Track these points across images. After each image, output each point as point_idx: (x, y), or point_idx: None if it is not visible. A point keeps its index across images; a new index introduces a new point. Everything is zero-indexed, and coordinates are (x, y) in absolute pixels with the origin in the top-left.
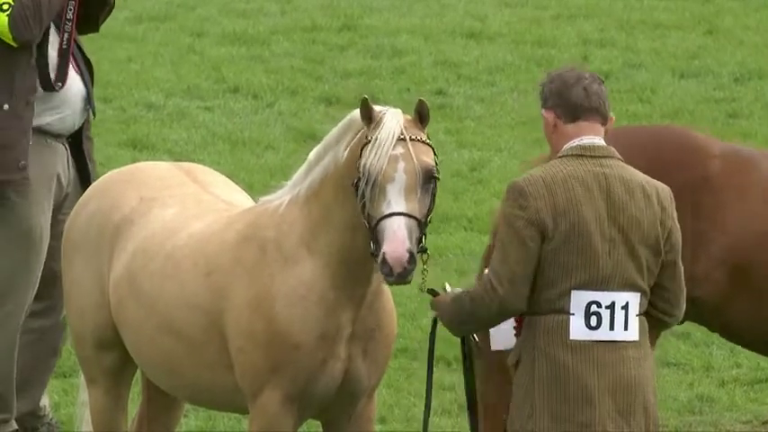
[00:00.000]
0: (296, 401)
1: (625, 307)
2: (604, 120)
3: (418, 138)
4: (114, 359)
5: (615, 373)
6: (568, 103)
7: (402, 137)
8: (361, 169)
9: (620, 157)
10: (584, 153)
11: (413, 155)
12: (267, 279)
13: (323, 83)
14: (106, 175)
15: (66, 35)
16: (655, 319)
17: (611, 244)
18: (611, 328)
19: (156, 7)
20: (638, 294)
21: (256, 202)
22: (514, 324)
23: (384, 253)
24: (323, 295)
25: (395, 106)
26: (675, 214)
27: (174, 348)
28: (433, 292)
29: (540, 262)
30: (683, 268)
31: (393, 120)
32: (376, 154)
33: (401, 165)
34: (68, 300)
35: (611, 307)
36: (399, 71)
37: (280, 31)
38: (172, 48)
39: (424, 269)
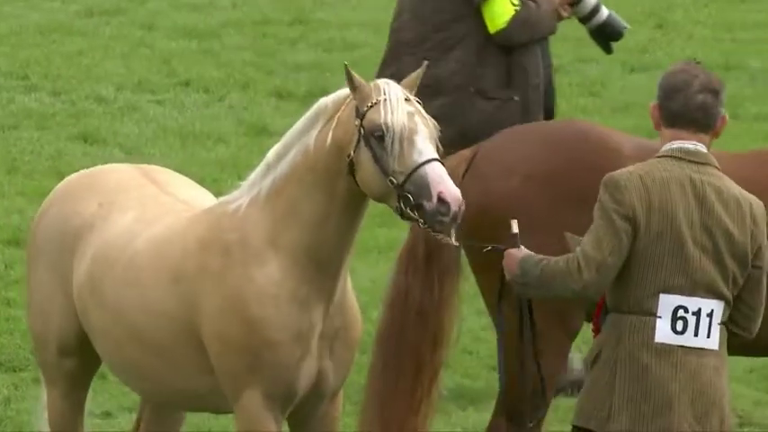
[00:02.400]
0: (278, 400)
1: (710, 314)
2: (706, 129)
3: (417, 99)
4: (75, 364)
5: (696, 379)
6: (669, 108)
7: (406, 97)
8: (383, 127)
9: (717, 165)
10: (683, 157)
11: (421, 110)
12: (236, 281)
13: (274, 76)
14: (67, 178)
15: None
16: (728, 331)
17: (701, 250)
18: (696, 334)
19: (106, 1)
20: (723, 303)
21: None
22: (593, 323)
23: (440, 192)
24: (295, 292)
25: None
26: (766, 229)
27: (142, 355)
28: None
29: (629, 259)
30: (766, 285)
31: (391, 83)
32: (392, 111)
33: (418, 118)
34: (31, 304)
35: (698, 313)
36: (351, 64)
37: (231, 25)
38: (122, 41)
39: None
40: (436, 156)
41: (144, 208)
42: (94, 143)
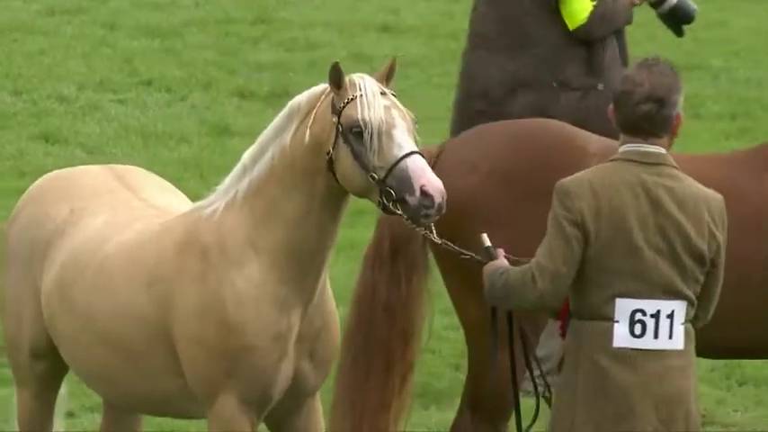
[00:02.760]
0: (253, 403)
1: (670, 315)
2: (658, 134)
3: (392, 93)
4: (46, 367)
5: (659, 382)
6: (617, 117)
7: (382, 91)
8: (361, 123)
9: (674, 165)
10: (636, 159)
11: (398, 104)
12: (214, 284)
13: (236, 76)
14: (38, 181)
15: None
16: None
17: (656, 252)
18: (656, 336)
19: (68, 0)
20: (684, 303)
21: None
22: (558, 328)
23: (422, 186)
24: (275, 293)
25: None
26: (725, 225)
27: (111, 359)
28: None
29: (583, 265)
30: (722, 278)
31: (366, 78)
32: (369, 106)
33: (395, 112)
34: (4, 305)
35: (657, 315)
36: (313, 64)
37: (193, 24)
38: (84, 41)
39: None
40: (416, 148)
41: (115, 213)
42: (56, 143)
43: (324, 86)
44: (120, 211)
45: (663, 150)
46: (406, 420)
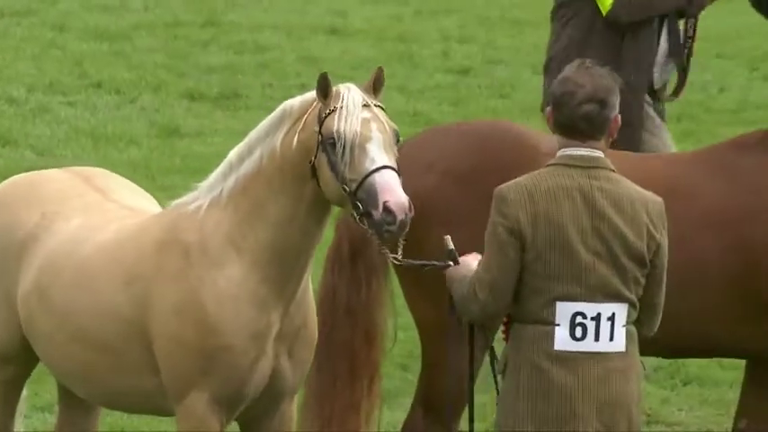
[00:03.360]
0: (224, 403)
1: (611, 318)
2: (595, 136)
3: (377, 104)
4: (13, 371)
5: (600, 384)
6: (557, 119)
7: (365, 103)
8: (335, 135)
9: (612, 167)
10: (573, 163)
11: (380, 116)
12: (194, 283)
13: (186, 78)
14: (2, 187)
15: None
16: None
17: (594, 256)
18: (597, 339)
19: (17, 2)
20: (626, 305)
21: (163, 207)
22: (502, 332)
23: (386, 202)
24: (254, 292)
25: (258, 102)
26: (665, 226)
27: (89, 357)
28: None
29: (523, 271)
30: (665, 280)
31: (352, 89)
32: (347, 119)
33: (374, 125)
34: None
35: (597, 318)
36: (262, 66)
37: (142, 27)
38: (34, 43)
39: (400, 240)
40: (389, 163)
41: (88, 215)
42: (6, 144)
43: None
44: (94, 214)
45: (599, 153)
46: (379, 420)
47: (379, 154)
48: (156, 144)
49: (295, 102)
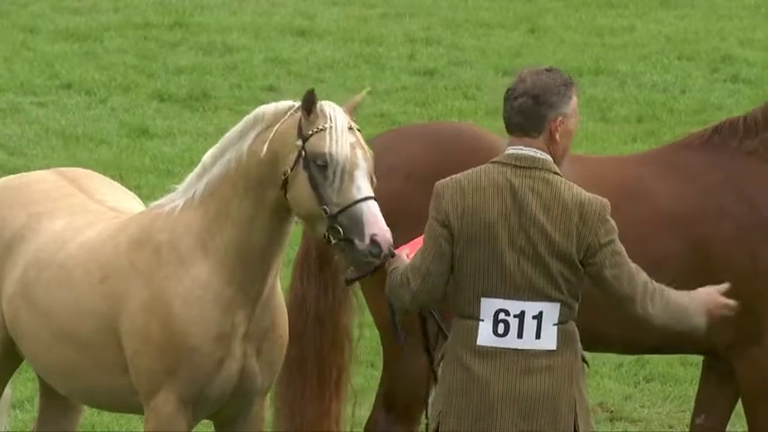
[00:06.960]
0: (191, 403)
1: (537, 317)
2: (531, 132)
3: (358, 128)
4: None
5: (520, 381)
6: (504, 111)
7: (350, 126)
8: (327, 158)
9: (552, 168)
10: (511, 162)
11: (362, 141)
12: (162, 281)
13: (155, 79)
14: None
15: None
16: (632, 314)
17: (520, 254)
18: (520, 336)
19: None
20: (556, 305)
21: (146, 206)
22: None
23: (373, 235)
24: (219, 293)
25: (227, 103)
26: (604, 227)
27: (71, 354)
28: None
29: (453, 266)
30: (628, 273)
31: (336, 109)
32: (338, 142)
33: (359, 152)
34: None
35: (521, 316)
36: (231, 68)
37: (112, 28)
38: (4, 44)
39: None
40: (372, 194)
41: (73, 216)
42: None
43: (291, 104)
44: (79, 214)
45: (539, 154)
46: (349, 420)
47: (364, 183)
48: (125, 144)
49: (269, 108)
